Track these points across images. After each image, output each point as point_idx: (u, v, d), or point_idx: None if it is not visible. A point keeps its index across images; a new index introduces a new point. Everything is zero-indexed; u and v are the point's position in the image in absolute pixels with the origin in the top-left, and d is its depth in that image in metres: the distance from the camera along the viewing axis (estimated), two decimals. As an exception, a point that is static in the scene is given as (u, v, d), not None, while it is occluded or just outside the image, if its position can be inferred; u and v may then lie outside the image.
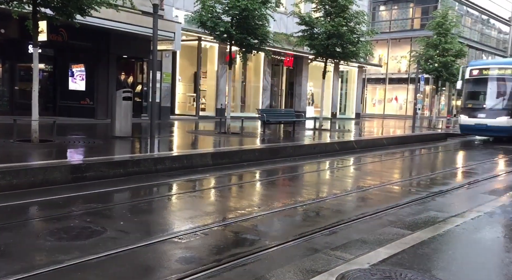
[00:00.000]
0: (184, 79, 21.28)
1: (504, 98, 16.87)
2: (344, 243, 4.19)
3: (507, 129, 16.45)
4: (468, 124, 17.16)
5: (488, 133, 17.32)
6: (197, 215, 5.37)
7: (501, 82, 17.06)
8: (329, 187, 8.07)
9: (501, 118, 16.29)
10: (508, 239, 4.29)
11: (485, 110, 16.83)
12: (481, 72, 17.48)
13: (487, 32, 41.22)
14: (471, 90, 17.95)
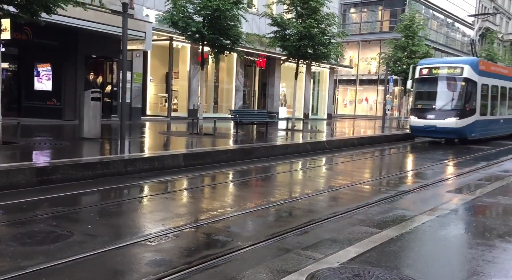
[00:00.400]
0: (155, 79, 20.98)
1: (453, 98, 16.24)
2: (315, 243, 4.23)
3: (455, 130, 15.76)
4: (418, 126, 16.43)
5: (437, 134, 16.64)
6: (168, 217, 5.30)
7: (451, 81, 16.41)
8: (301, 187, 8.13)
9: (450, 119, 15.62)
10: (471, 235, 4.44)
11: (434, 111, 16.15)
12: (431, 71, 16.70)
13: (452, 35, 42.65)
14: (420, 90, 17.28)
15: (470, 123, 15.98)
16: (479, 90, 16.34)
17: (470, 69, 15.98)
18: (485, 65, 17.46)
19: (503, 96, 19.24)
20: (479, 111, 16.46)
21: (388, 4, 36.68)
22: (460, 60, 17.99)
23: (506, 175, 9.21)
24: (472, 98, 16.17)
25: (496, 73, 18.38)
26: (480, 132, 16.85)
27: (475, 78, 16.10)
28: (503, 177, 8.69)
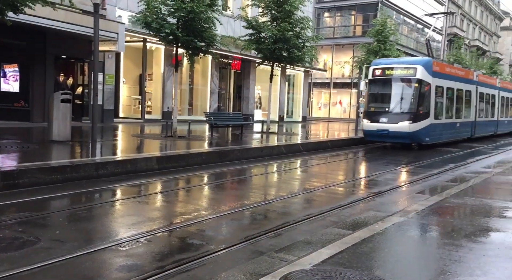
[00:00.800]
0: (128, 81, 20.65)
1: (406, 101, 15.27)
2: (288, 245, 4.24)
3: (408, 135, 14.82)
4: (370, 130, 15.38)
5: (390, 139, 15.63)
6: (141, 221, 5.21)
7: (403, 83, 15.38)
8: (276, 190, 8.15)
9: (402, 123, 14.66)
10: (439, 236, 4.55)
11: (387, 114, 15.14)
12: (384, 72, 15.59)
13: (422, 40, 43.82)
14: (373, 92, 16.20)
15: (424, 127, 15.10)
16: (433, 92, 15.51)
17: (423, 70, 15.08)
18: (439, 66, 16.68)
19: (459, 99, 18.54)
20: (433, 114, 15.59)
21: (361, 9, 37.39)
22: (413, 61, 16.76)
23: (472, 176, 9.51)
24: (426, 101, 15.31)
25: (452, 75, 17.60)
26: (435, 136, 16.10)
27: (428, 80, 15.22)
28: (469, 179, 8.97)
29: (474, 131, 20.44)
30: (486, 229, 4.71)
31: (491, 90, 23.08)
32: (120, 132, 15.09)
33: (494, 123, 23.93)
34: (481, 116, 21.47)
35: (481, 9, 57.34)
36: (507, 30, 69.26)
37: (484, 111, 22.12)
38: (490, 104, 23.19)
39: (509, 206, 6.00)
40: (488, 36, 60.63)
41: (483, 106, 21.86)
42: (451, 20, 48.03)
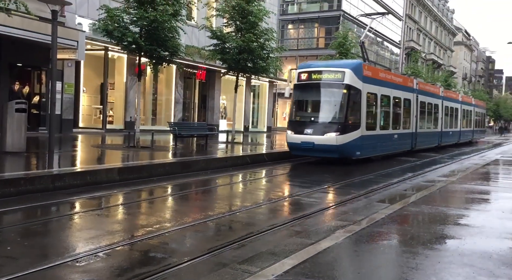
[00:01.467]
0: (89, 90, 20.09)
1: (333, 109, 13.35)
2: (252, 256, 4.22)
3: (336, 148, 12.80)
4: (294, 143, 13.29)
5: (316, 153, 13.49)
6: (100, 235, 5.03)
7: (330, 89, 13.45)
8: (241, 200, 8.12)
9: (329, 134, 12.76)
10: (400, 244, 4.68)
11: (312, 125, 13.24)
12: (310, 76, 13.68)
13: (381, 53, 45.47)
14: (299, 99, 14.25)
15: (354, 139, 13.22)
16: (365, 99, 13.66)
17: (352, 74, 13.13)
18: (372, 71, 14.73)
19: (397, 108, 16.88)
20: (365, 125, 13.76)
21: (323, 22, 38.37)
22: (341, 64, 14.41)
23: (429, 184, 9.87)
24: (355, 110, 13.41)
25: (387, 81, 15.80)
26: (368, 149, 14.23)
27: (358, 85, 13.34)
28: (427, 187, 9.31)
29: (415, 143, 18.77)
30: (441, 237, 4.89)
31: (433, 99, 21.52)
32: (80, 143, 14.61)
33: (437, 134, 22.40)
34: (422, 127, 19.91)
35: (436, 25, 60.29)
36: (459, 44, 73.14)
37: (426, 121, 20.62)
38: (433, 114, 21.70)
39: (463, 213, 6.26)
40: (443, 50, 63.74)
41: (424, 116, 20.34)
42: (409, 35, 50.17)
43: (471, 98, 33.51)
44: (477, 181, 9.91)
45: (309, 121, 13.51)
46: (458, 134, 26.66)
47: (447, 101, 24.02)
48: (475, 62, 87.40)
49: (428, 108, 20.87)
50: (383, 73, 16.24)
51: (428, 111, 20.91)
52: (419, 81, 20.39)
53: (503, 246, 4.54)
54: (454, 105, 25.80)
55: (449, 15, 67.14)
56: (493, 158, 17.41)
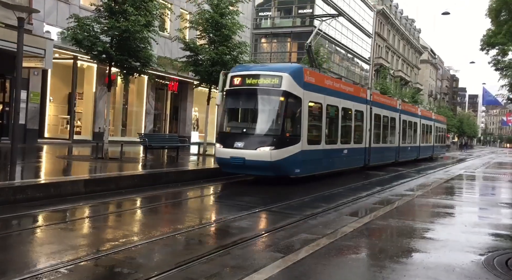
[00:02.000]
0: (56, 99, 19.55)
1: (268, 120, 11.45)
2: (220, 271, 4.16)
3: (270, 165, 10.79)
4: (223, 158, 11.29)
5: (248, 171, 11.55)
6: (62, 250, 4.84)
7: (266, 95, 11.55)
8: (211, 213, 8.03)
9: (262, 149, 10.80)
10: (369, 257, 4.74)
11: (243, 137, 11.24)
12: (244, 80, 11.67)
13: (352, 69, 46.62)
14: (230, 107, 12.17)
15: (292, 154, 11.28)
16: (306, 109, 11.87)
17: (290, 80, 11.31)
18: (316, 77, 12.76)
19: (347, 120, 15.17)
20: (306, 138, 11.89)
21: (296, 36, 39.04)
22: (278, 67, 12.62)
23: (396, 198, 10.09)
24: (295, 121, 11.62)
25: (336, 90, 14.05)
26: (310, 166, 12.31)
27: (298, 93, 11.52)
28: (394, 201, 9.51)
29: (369, 159, 17.30)
30: (408, 250, 4.98)
31: (390, 112, 20.15)
32: (45, 154, 14.13)
33: (394, 150, 20.99)
34: (377, 142, 18.51)
35: (403, 43, 62.48)
36: (425, 63, 75.99)
37: (381, 136, 19.10)
38: (389, 128, 20.22)
39: (429, 227, 6.42)
40: (410, 68, 66.00)
41: (380, 130, 18.92)
42: (378, 52, 51.74)
43: (431, 113, 32.72)
44: (442, 195, 10.20)
45: (241, 133, 11.42)
46: (417, 150, 25.42)
47: (405, 115, 22.70)
48: (440, 80, 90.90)
49: (384, 121, 19.48)
50: (330, 81, 14.11)
51: (384, 125, 19.53)
52: (374, 92, 19.26)
53: (466, 259, 4.66)
54: (413, 119, 24.65)
55: (415, 34, 69.79)
56: (457, 173, 18.01)
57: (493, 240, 5.82)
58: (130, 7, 11.70)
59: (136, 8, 11.91)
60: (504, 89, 24.20)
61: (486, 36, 31.15)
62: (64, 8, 17.40)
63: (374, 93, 18.53)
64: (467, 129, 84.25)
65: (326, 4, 38.74)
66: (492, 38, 30.15)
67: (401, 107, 22.12)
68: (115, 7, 11.88)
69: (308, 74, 12.27)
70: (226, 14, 15.99)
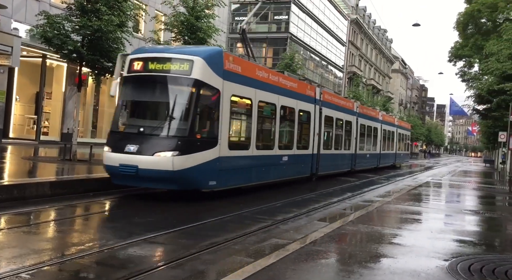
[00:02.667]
0: (23, 98, 18.90)
1: (174, 117, 8.69)
2: (189, 276, 4.10)
3: (172, 176, 8.28)
4: (111, 166, 8.64)
5: (143, 183, 8.89)
6: (24, 254, 4.65)
7: (173, 85, 9.05)
8: (89, 238, 7.90)
9: (163, 154, 8.30)
10: (338, 263, 4.78)
11: (139, 138, 8.61)
12: (145, 65, 9.05)
13: (326, 76, 47.35)
14: (126, 99, 9.43)
15: (205, 162, 8.80)
16: (227, 105, 9.41)
17: (204, 66, 8.82)
18: (243, 66, 10.22)
19: (287, 121, 12.74)
20: (227, 141, 9.42)
21: (272, 42, 39.34)
22: (189, 50, 9.66)
23: (367, 204, 10.26)
24: (210, 118, 9.15)
25: (272, 84, 11.49)
26: (232, 177, 9.81)
27: (215, 83, 9.05)
28: (366, 206, 9.66)
29: (317, 167, 14.89)
30: (376, 255, 5.06)
31: (345, 115, 17.96)
32: (9, 154, 13.61)
33: (349, 157, 18.96)
34: (329, 147, 16.36)
35: (376, 52, 64.01)
36: (397, 72, 78.10)
37: (334, 141, 16.98)
38: (344, 133, 18.10)
39: (396, 233, 6.55)
40: (382, 77, 67.63)
41: (331, 134, 16.75)
42: (351, 60, 52.78)
43: (394, 118, 30.70)
44: (409, 202, 10.45)
45: (136, 134, 8.70)
46: (377, 157, 23.56)
47: (363, 119, 20.63)
48: (410, 89, 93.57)
49: (338, 124, 17.17)
50: (264, 72, 11.30)
51: (337, 129, 17.40)
52: (326, 90, 16.86)
53: (431, 264, 4.78)
54: (373, 124, 22.69)
55: (387, 44, 71.65)
56: (424, 180, 18.51)
57: (457, 246, 5.99)
58: (103, 6, 11.48)
59: (109, 7, 11.70)
60: (470, 100, 25.12)
61: (454, 48, 32.45)
62: (33, 4, 16.89)
63: (325, 92, 15.90)
64: (435, 138, 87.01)
65: (301, 11, 39.26)
66: (459, 50, 31.41)
67: (358, 110, 20.03)
68: (87, 6, 11.64)
69: (231, 61, 9.69)
70: (201, 17, 15.92)
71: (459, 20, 30.64)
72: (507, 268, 4.73)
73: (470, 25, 30.64)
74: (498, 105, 18.45)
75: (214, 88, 9.10)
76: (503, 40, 18.52)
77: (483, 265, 4.79)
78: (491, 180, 23.41)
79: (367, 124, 21.45)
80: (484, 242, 6.52)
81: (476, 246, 6.17)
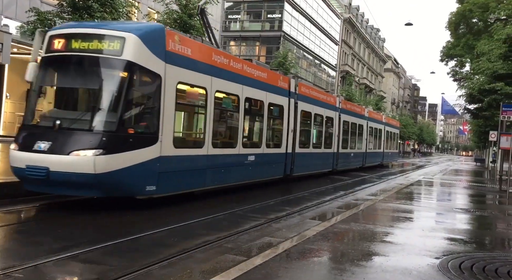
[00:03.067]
0: (13, 96, 18.68)
1: (98, 106, 7.23)
2: (181, 275, 4.08)
3: (96, 179, 6.79)
4: (18, 167, 7.06)
5: (57, 189, 7.23)
6: None
7: (100, 67, 7.47)
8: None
9: (82, 153, 6.80)
10: (331, 261, 4.79)
11: (51, 134, 7.03)
12: (68, 43, 7.43)
13: (319, 74, 47.43)
14: (43, 85, 7.83)
15: (141, 163, 7.32)
16: (171, 93, 7.90)
17: (140, 45, 7.33)
18: (193, 47, 8.59)
19: (255, 116, 11.50)
20: (171, 138, 7.97)
21: (265, 41, 39.30)
22: (122, 26, 8.01)
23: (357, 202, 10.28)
24: (149, 110, 7.74)
25: (233, 72, 9.97)
26: (178, 181, 8.27)
27: (155, 67, 7.59)
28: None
29: (292, 167, 13.49)
30: (367, 254, 5.08)
31: (325, 111, 16.49)
32: (0, 152, 13.45)
33: (331, 156, 17.62)
34: (307, 146, 15.06)
35: (368, 51, 64.25)
36: (389, 71, 78.49)
37: (313, 138, 15.75)
38: (325, 130, 16.71)
39: (388, 231, 6.58)
40: (374, 76, 67.91)
41: (310, 131, 15.42)
42: (344, 59, 52.93)
43: (381, 115, 28.66)
44: (401, 200, 10.51)
45: (51, 127, 7.05)
46: (362, 156, 22.30)
47: (346, 115, 19.13)
48: (403, 88, 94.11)
49: (317, 121, 15.90)
50: (222, 57, 9.64)
51: (317, 126, 16.03)
52: (302, 82, 15.50)
53: (422, 262, 4.81)
54: (358, 121, 21.13)
55: (380, 44, 71.94)
56: (416, 179, 18.63)
57: (448, 244, 6.04)
58: (95, 3, 11.40)
59: (101, 4, 11.62)
60: (461, 99, 25.29)
61: (446, 48, 32.67)
62: (24, 1, 16.70)
63: (302, 84, 14.51)
64: (427, 136, 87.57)
65: (294, 10, 39.28)
66: (451, 50, 31.63)
67: (341, 106, 18.54)
68: (79, 3, 11.55)
69: (177, 41, 7.98)
70: (194, 15, 15.85)
71: (451, 19, 30.85)
72: (497, 266, 4.78)
73: (462, 25, 30.87)
74: (489, 104, 18.60)
75: (153, 73, 7.55)
76: (494, 40, 18.67)
77: (474, 263, 4.83)
78: (482, 178, 23.64)
79: (351, 121, 20.00)
80: (475, 240, 6.57)
81: (467, 244, 6.23)
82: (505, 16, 22.35)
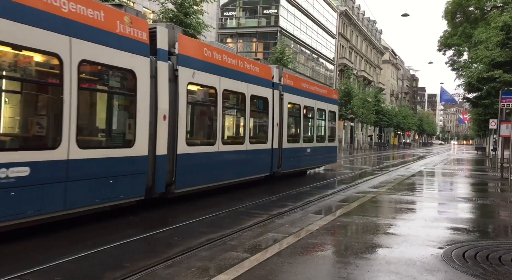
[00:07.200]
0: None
1: None
2: (185, 274, 4.10)
3: None
4: None
5: None
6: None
7: None
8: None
9: None
10: (335, 255, 4.81)
11: None
12: None
13: (317, 69, 47.34)
14: None
15: None
16: None
17: None
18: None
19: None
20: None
21: (261, 37, 39.21)
22: None
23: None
24: None
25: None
26: None
27: None
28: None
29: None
30: (371, 246, 5.10)
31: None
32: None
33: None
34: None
35: (366, 44, 64.07)
36: (387, 63, 78.27)
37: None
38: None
39: (391, 223, 6.59)
40: (372, 68, 67.77)
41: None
42: (342, 52, 52.80)
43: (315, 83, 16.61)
44: (403, 191, 10.52)
45: None
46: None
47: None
48: (401, 79, 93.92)
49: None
50: None
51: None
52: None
53: (426, 253, 4.83)
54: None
55: (377, 35, 71.73)
56: (418, 170, 18.65)
57: (451, 234, 6.06)
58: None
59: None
60: (460, 88, 25.25)
61: (443, 37, 32.54)
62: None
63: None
64: (427, 127, 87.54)
65: (290, 5, 39.15)
66: (448, 39, 31.51)
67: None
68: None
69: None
70: (190, 13, 15.84)
71: (448, 9, 30.72)
72: (500, 254, 4.80)
73: (459, 13, 30.75)
74: (488, 92, 18.58)
75: None
76: (491, 28, 18.61)
77: (477, 252, 4.85)
78: (483, 167, 23.66)
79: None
80: (478, 229, 6.59)
81: (470, 233, 6.24)
82: (502, 3, 22.27)
